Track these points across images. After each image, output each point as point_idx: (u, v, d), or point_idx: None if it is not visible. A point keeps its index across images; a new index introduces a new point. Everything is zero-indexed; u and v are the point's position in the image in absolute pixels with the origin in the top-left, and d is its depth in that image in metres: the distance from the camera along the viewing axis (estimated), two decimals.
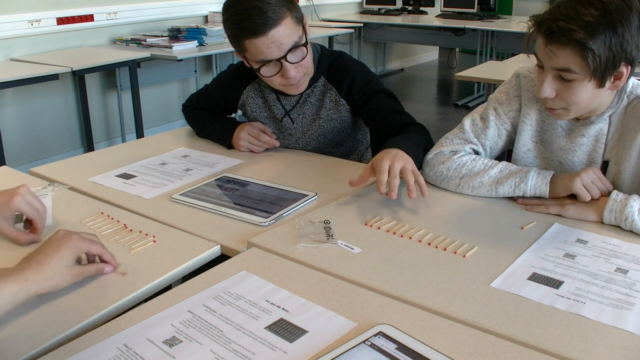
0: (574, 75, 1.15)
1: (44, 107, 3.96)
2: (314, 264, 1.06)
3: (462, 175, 1.35)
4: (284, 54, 1.46)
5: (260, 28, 1.41)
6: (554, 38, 1.13)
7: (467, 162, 1.36)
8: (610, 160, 1.29)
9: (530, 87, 1.38)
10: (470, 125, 1.43)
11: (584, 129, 1.30)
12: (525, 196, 1.30)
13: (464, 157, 1.38)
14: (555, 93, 1.19)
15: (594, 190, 1.23)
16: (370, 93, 1.62)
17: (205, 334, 0.86)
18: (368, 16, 6.68)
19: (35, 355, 0.83)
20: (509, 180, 1.30)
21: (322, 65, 1.64)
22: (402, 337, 0.82)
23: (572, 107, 1.21)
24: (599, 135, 1.29)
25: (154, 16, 4.55)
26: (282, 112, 1.71)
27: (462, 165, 1.36)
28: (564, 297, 0.95)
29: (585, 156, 1.32)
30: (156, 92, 4.65)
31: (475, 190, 1.34)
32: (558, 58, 1.14)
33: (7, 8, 3.69)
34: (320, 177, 1.49)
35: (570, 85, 1.17)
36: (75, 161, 1.67)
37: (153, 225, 1.22)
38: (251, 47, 1.45)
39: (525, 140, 1.39)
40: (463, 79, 3.57)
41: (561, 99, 1.20)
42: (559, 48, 1.13)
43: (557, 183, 1.27)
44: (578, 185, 1.23)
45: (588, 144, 1.31)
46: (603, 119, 1.28)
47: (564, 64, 1.14)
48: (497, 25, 5.71)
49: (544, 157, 1.39)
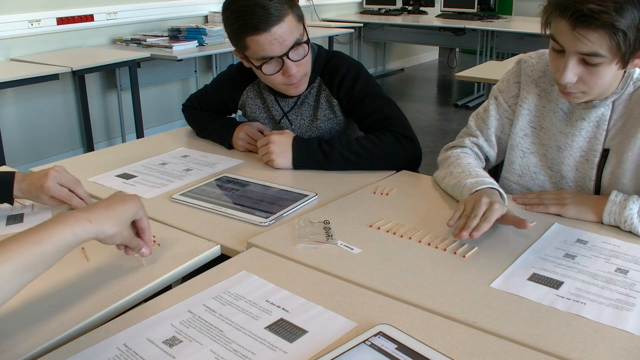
0: (600, 59, 1.09)
1: (44, 107, 3.96)
2: (314, 264, 1.06)
3: (445, 173, 1.39)
4: (286, 51, 1.46)
5: (263, 24, 1.40)
6: (584, 21, 1.06)
7: (450, 157, 1.42)
8: (611, 149, 1.26)
9: (530, 72, 1.36)
10: (474, 119, 1.47)
11: (585, 112, 1.27)
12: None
13: (458, 154, 1.42)
14: (577, 77, 1.14)
15: None
16: (359, 96, 1.60)
17: (205, 334, 0.86)
18: (368, 16, 6.68)
19: (35, 355, 0.83)
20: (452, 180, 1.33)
21: (318, 65, 1.64)
22: (402, 337, 0.82)
23: (593, 90, 1.17)
24: (601, 120, 1.26)
25: (154, 16, 4.55)
26: (280, 114, 1.71)
27: (447, 160, 1.43)
28: (564, 297, 0.95)
29: (586, 142, 1.29)
30: (156, 92, 4.65)
31: (439, 181, 1.41)
32: (587, 42, 1.08)
33: (7, 8, 3.69)
34: (320, 177, 1.49)
35: (595, 69, 1.12)
36: (75, 161, 1.67)
37: (153, 225, 1.22)
38: (253, 44, 1.45)
39: (522, 125, 1.37)
40: (463, 79, 3.57)
41: (583, 83, 1.15)
42: (590, 32, 1.06)
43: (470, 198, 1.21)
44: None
45: (588, 129, 1.28)
46: (606, 104, 1.24)
47: (592, 48, 1.08)
48: (497, 25, 5.71)
49: (542, 144, 1.36)
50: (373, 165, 1.52)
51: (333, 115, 1.67)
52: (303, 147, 1.54)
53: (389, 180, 1.47)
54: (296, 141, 1.55)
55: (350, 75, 1.62)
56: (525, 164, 1.38)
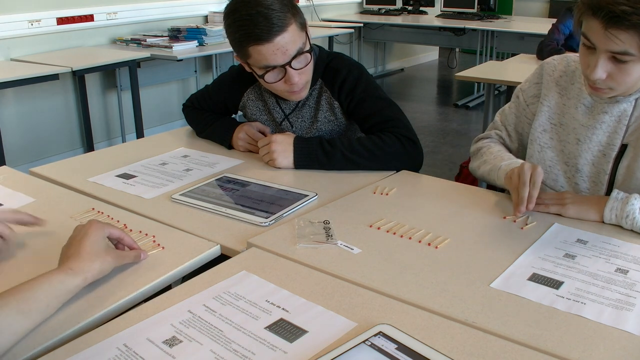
0: (630, 57, 1.14)
1: (44, 107, 3.96)
2: (314, 264, 1.06)
3: (479, 162, 1.48)
4: (289, 61, 1.45)
5: (266, 35, 1.39)
6: (616, 22, 1.10)
7: (482, 148, 1.51)
8: (629, 144, 1.29)
9: (551, 72, 1.42)
10: (500, 113, 1.57)
11: (608, 106, 1.30)
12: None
13: (488, 144, 1.51)
14: (607, 74, 1.19)
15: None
16: (361, 97, 1.60)
17: (205, 334, 0.86)
18: (368, 16, 6.68)
19: (35, 355, 0.83)
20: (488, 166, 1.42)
21: (319, 67, 1.63)
22: (402, 337, 0.82)
23: (621, 86, 1.21)
24: (622, 116, 1.29)
25: (154, 16, 4.55)
26: (281, 116, 1.71)
27: (480, 151, 1.52)
28: (564, 297, 0.95)
29: (605, 136, 1.32)
30: (156, 92, 4.65)
31: (482, 177, 1.48)
32: (618, 42, 1.12)
33: (7, 8, 3.69)
34: (320, 177, 1.49)
35: (624, 67, 1.16)
36: (75, 161, 1.67)
37: (153, 225, 1.22)
38: (256, 53, 1.44)
39: (542, 121, 1.42)
40: (463, 79, 3.57)
41: (611, 80, 1.20)
42: (621, 32, 1.11)
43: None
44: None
45: (610, 123, 1.31)
46: (629, 100, 1.28)
47: (623, 47, 1.13)
48: (497, 25, 5.72)
49: (560, 140, 1.39)
50: (374, 165, 1.52)
51: (334, 118, 1.67)
52: (304, 147, 1.54)
53: (389, 180, 1.47)
54: (297, 141, 1.55)
55: (352, 78, 1.61)
56: (542, 157, 1.41)
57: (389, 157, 1.52)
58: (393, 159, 1.52)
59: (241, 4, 1.42)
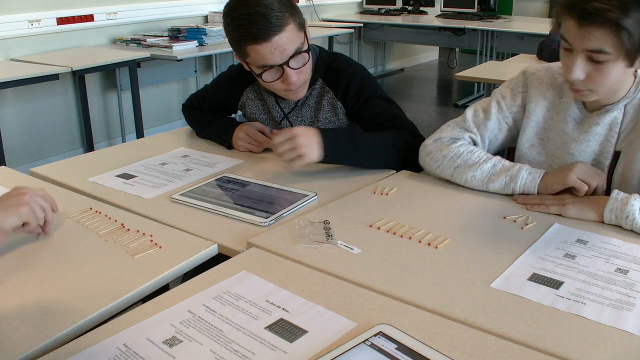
0: (606, 57, 1.14)
1: (44, 107, 3.96)
2: (314, 264, 1.06)
3: (457, 166, 1.37)
4: (287, 60, 1.45)
5: (264, 34, 1.40)
6: (589, 19, 1.11)
7: (463, 153, 1.37)
8: (622, 151, 1.29)
9: (538, 85, 1.39)
10: (472, 116, 1.45)
11: (599, 117, 1.30)
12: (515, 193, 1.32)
13: (462, 147, 1.39)
14: (585, 75, 1.19)
15: (590, 178, 1.25)
16: (366, 97, 1.61)
17: (205, 334, 0.86)
18: (368, 16, 6.68)
19: (35, 355, 0.83)
20: (499, 179, 1.32)
21: (319, 67, 1.64)
22: (402, 337, 0.82)
23: (600, 88, 1.21)
24: (613, 124, 1.29)
25: (154, 16, 4.55)
26: (280, 115, 1.71)
27: (458, 156, 1.37)
28: (564, 297, 0.95)
29: (598, 146, 1.32)
30: (156, 92, 4.65)
31: (468, 183, 1.36)
32: (592, 39, 1.13)
33: (7, 8, 3.69)
34: (320, 177, 1.49)
35: (601, 67, 1.16)
36: (75, 161, 1.67)
37: (152, 225, 1.22)
38: (253, 52, 1.44)
39: (529, 136, 1.40)
40: (463, 79, 3.57)
41: (590, 81, 1.19)
42: (594, 29, 1.12)
43: (550, 179, 1.29)
44: (573, 178, 1.25)
45: (602, 133, 1.31)
46: (618, 107, 1.28)
47: (598, 45, 1.13)
48: (497, 25, 5.71)
49: (549, 154, 1.39)
50: (395, 161, 1.50)
51: (335, 118, 1.67)
52: (332, 136, 1.43)
53: (389, 180, 1.47)
54: (324, 132, 1.43)
55: (357, 78, 1.62)
56: None
57: (409, 151, 1.50)
58: (411, 152, 1.50)
59: (240, 3, 1.43)
